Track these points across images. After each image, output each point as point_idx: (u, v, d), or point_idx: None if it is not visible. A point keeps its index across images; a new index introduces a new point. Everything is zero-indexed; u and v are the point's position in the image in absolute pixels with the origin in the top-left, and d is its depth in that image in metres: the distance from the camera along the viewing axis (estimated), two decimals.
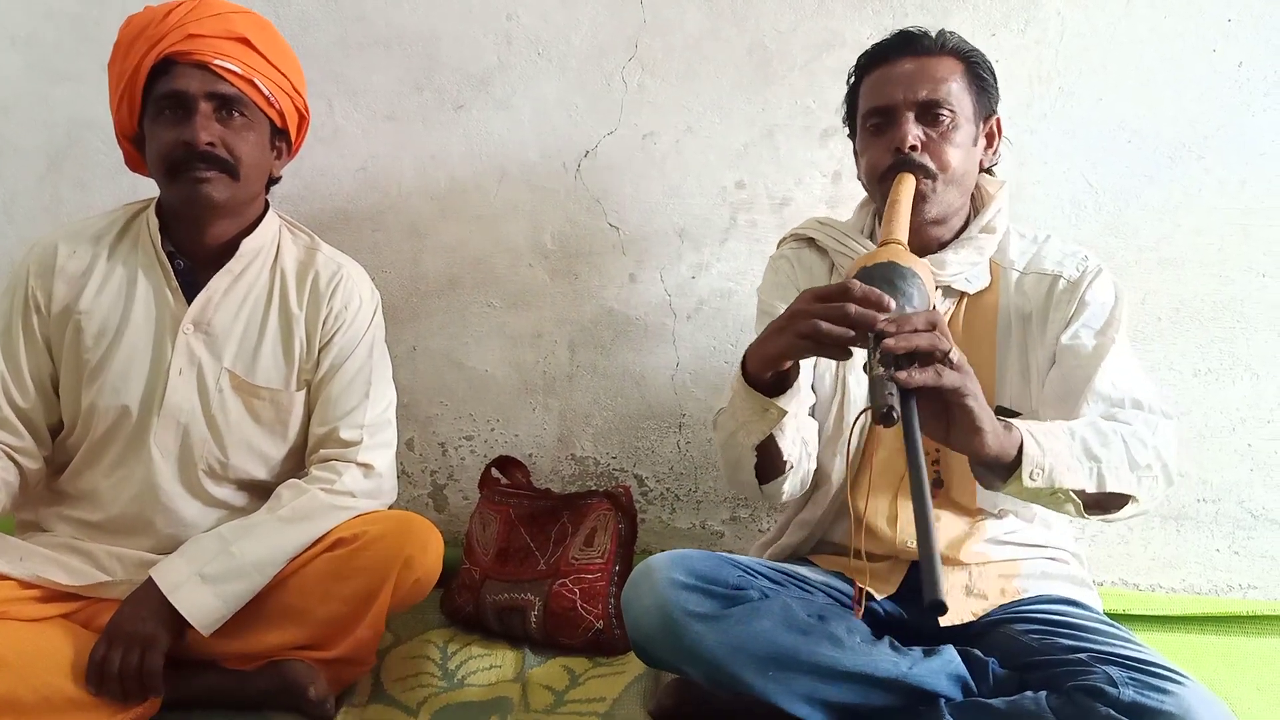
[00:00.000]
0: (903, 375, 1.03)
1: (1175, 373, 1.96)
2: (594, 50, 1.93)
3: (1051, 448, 1.19)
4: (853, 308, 1.09)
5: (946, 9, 1.84)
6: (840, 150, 1.93)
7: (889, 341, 1.05)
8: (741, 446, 1.35)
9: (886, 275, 1.15)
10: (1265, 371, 1.95)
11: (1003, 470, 1.19)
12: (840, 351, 1.13)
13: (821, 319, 1.11)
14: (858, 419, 1.41)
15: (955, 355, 1.08)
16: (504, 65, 1.95)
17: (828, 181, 1.94)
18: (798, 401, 1.32)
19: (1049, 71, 1.85)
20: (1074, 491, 1.21)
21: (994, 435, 1.13)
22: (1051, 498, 1.22)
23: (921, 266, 1.19)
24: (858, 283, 1.12)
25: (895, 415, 0.99)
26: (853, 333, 1.10)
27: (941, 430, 1.13)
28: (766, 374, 1.26)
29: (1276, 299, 1.91)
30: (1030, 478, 1.17)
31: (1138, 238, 1.91)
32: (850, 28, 1.87)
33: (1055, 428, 1.23)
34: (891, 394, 1.01)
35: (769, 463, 1.37)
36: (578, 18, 1.91)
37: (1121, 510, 1.29)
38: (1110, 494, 1.25)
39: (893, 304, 1.10)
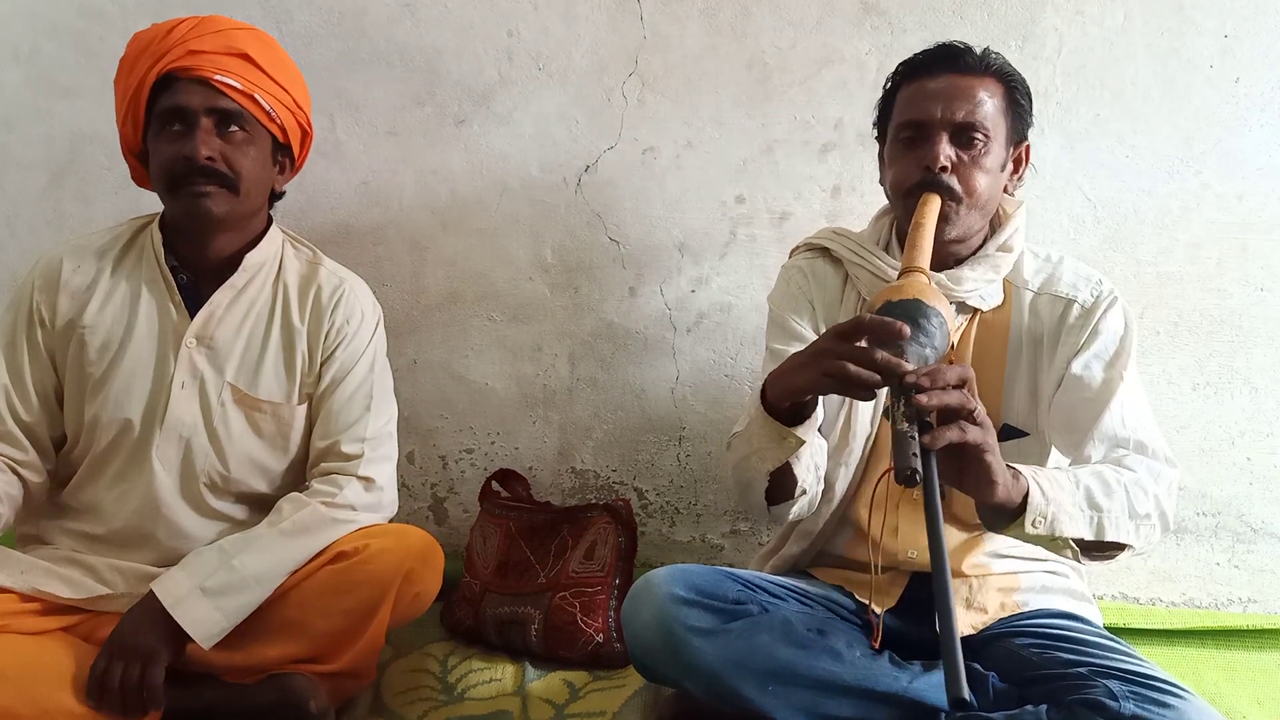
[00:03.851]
0: (927, 438, 1.03)
1: (1174, 387, 1.96)
2: (594, 66, 1.94)
3: (1055, 497, 1.19)
4: (880, 354, 1.09)
5: (944, 25, 1.85)
6: (839, 165, 1.94)
7: (921, 398, 1.04)
8: (755, 471, 1.34)
9: (910, 312, 1.15)
10: (1264, 385, 1.95)
11: (1006, 515, 1.19)
12: (865, 393, 1.13)
13: (849, 361, 1.11)
14: (880, 479, 1.39)
15: (980, 412, 1.09)
16: (505, 81, 1.96)
17: (827, 196, 1.95)
18: (815, 431, 1.32)
19: (1046, 87, 1.86)
20: (1072, 540, 1.23)
21: (1004, 486, 1.14)
22: (1051, 543, 1.23)
23: (944, 303, 1.19)
24: (869, 315, 1.12)
25: (918, 479, 0.99)
26: (879, 377, 1.09)
27: (954, 476, 1.14)
28: (785, 404, 1.26)
29: (1274, 313, 1.92)
30: (1033, 525, 1.18)
31: (1136, 252, 1.92)
32: (849, 44, 1.88)
33: (1061, 476, 1.23)
34: (915, 454, 1.00)
35: (780, 486, 1.36)
36: (578, 34, 1.93)
37: (1117, 556, 1.30)
38: (1107, 541, 1.26)
39: (909, 342, 1.10)
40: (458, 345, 2.09)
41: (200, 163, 1.46)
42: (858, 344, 1.13)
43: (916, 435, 1.02)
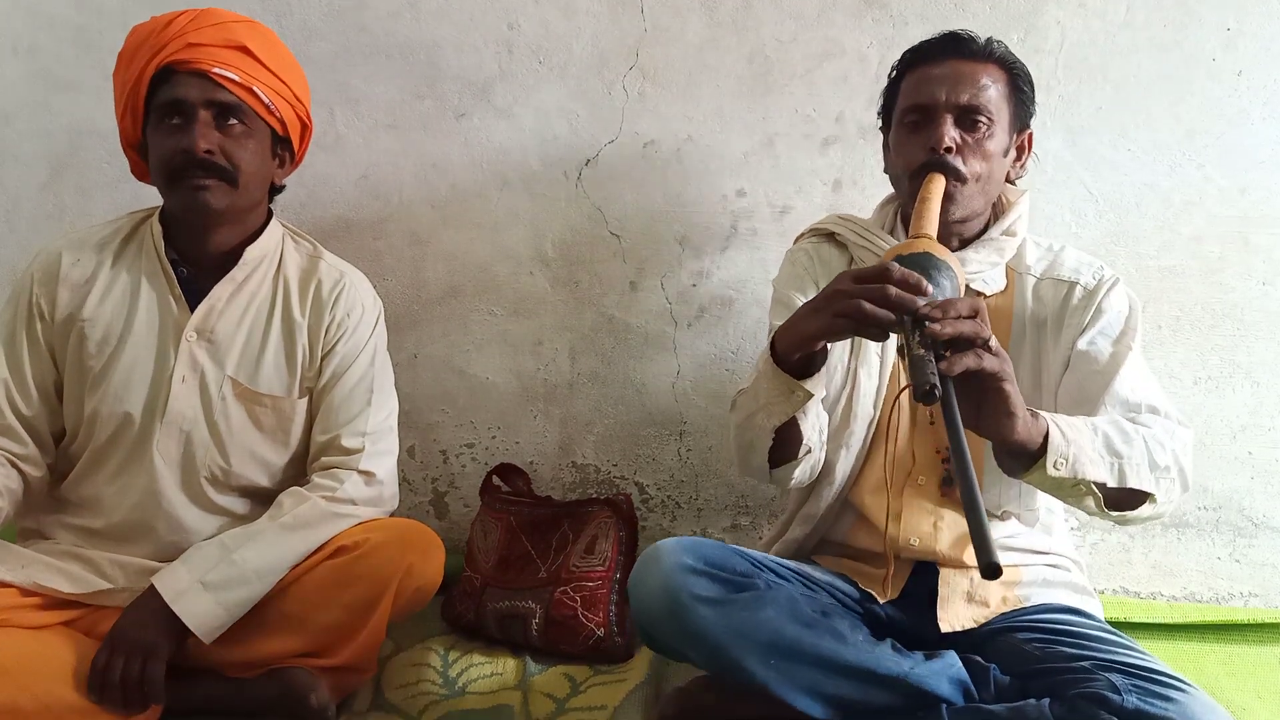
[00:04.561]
0: (944, 365, 1.04)
1: (1176, 381, 1.96)
2: (595, 59, 1.93)
3: (1076, 439, 1.19)
4: (893, 290, 1.10)
5: (946, 17, 1.84)
6: (840, 159, 1.93)
7: (934, 327, 1.06)
8: (760, 428, 1.35)
9: (921, 264, 1.17)
10: (1265, 379, 1.95)
11: (1027, 458, 1.19)
12: (879, 332, 1.14)
13: (863, 299, 1.12)
14: (898, 395, 1.40)
15: (994, 342, 1.10)
16: (505, 74, 1.95)
17: (828, 190, 1.95)
18: (822, 386, 1.33)
19: (1049, 80, 1.85)
20: (1095, 485, 1.21)
21: (1024, 422, 1.14)
22: (1073, 489, 1.22)
23: (953, 260, 1.20)
24: (897, 265, 1.13)
25: (937, 393, 1.00)
26: (893, 315, 1.10)
27: (972, 415, 1.13)
28: (795, 355, 1.26)
29: (1276, 307, 1.91)
30: (1054, 466, 1.17)
31: (1138, 246, 1.91)
32: (850, 37, 1.88)
33: (1079, 421, 1.23)
34: (934, 372, 1.02)
35: (784, 446, 1.37)
36: (579, 27, 1.92)
37: (1139, 510, 1.28)
38: (1129, 492, 1.25)
39: (930, 288, 1.11)
40: (458, 339, 2.08)
41: (199, 156, 1.46)
42: (872, 284, 1.13)
43: (933, 359, 1.04)
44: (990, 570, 0.90)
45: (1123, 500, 1.27)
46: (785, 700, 1.28)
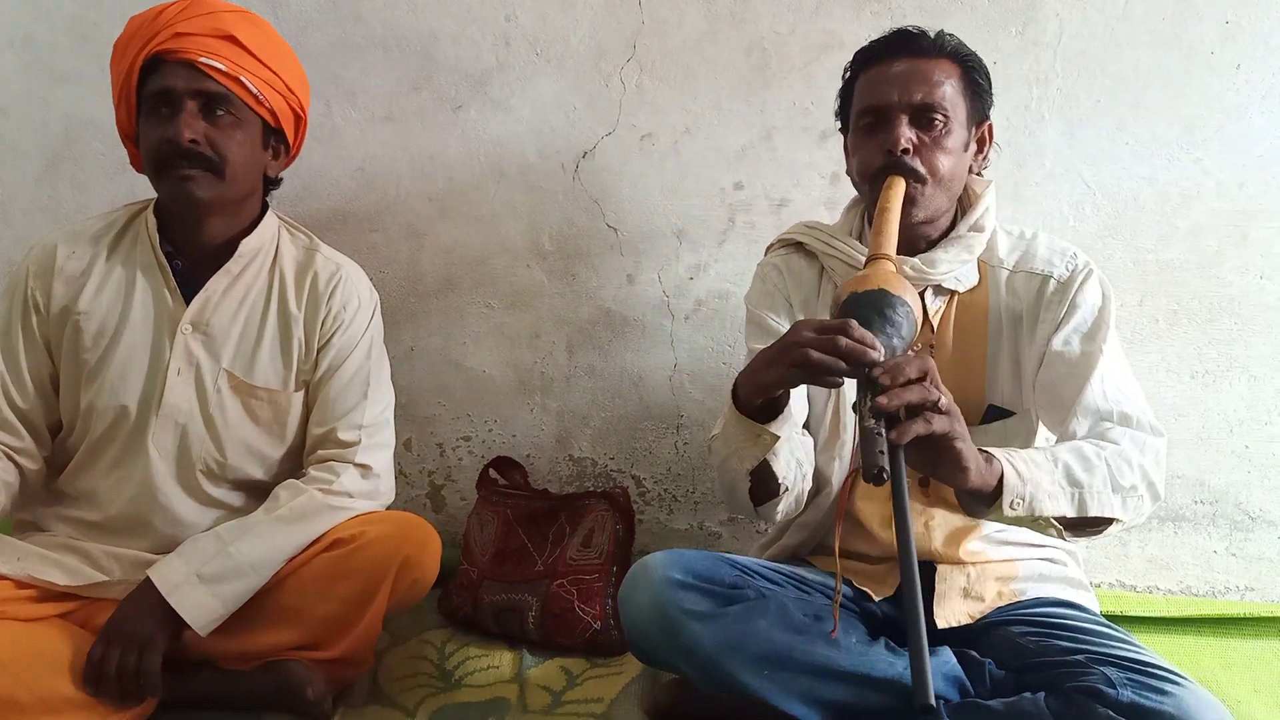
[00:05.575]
0: (894, 434, 1.05)
1: (1173, 374, 1.96)
2: (592, 51, 1.93)
3: (1032, 477, 1.20)
4: (844, 341, 1.10)
5: (945, 10, 1.84)
6: (838, 152, 1.91)
7: (882, 400, 1.06)
8: (735, 472, 1.34)
9: (876, 304, 1.16)
10: (1262, 373, 1.95)
11: (985, 498, 1.20)
12: (833, 381, 1.15)
13: (815, 349, 1.12)
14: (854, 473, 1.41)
15: (944, 402, 1.10)
16: (502, 66, 1.95)
17: (826, 183, 1.94)
18: (789, 425, 1.32)
19: (1047, 73, 1.85)
20: (1054, 517, 1.23)
21: (977, 471, 1.15)
22: (1033, 523, 1.24)
23: (910, 292, 1.19)
24: (855, 323, 1.12)
25: (886, 476, 1.01)
26: (844, 364, 1.11)
27: (928, 465, 1.15)
28: (757, 401, 1.26)
29: (1274, 301, 1.91)
30: (1011, 507, 1.18)
31: (1136, 240, 1.91)
32: (849, 29, 1.87)
33: (1038, 456, 1.24)
34: (882, 451, 1.03)
35: (764, 486, 1.36)
36: (576, 19, 1.91)
37: (1107, 529, 1.29)
38: (1093, 516, 1.26)
39: (881, 350, 1.11)
40: (455, 332, 2.08)
41: (184, 146, 1.44)
42: (824, 336, 1.13)
43: (884, 431, 1.04)
44: (926, 710, 0.91)
45: (1088, 522, 1.28)
46: (782, 709, 1.28)
